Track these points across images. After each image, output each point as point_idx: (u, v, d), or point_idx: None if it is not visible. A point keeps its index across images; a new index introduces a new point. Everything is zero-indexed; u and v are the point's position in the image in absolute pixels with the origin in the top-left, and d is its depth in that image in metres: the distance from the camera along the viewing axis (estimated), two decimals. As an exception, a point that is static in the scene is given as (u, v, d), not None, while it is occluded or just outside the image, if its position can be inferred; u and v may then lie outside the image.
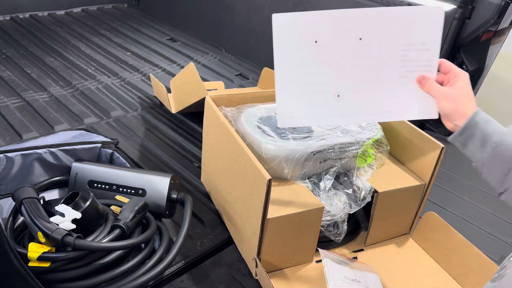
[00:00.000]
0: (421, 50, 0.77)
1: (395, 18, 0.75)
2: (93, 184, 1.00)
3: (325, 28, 0.76)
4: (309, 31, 0.76)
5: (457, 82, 0.75)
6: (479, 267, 0.90)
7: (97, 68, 1.80)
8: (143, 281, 0.79)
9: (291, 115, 0.80)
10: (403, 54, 0.77)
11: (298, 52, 0.77)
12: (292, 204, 0.87)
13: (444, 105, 0.75)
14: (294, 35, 0.77)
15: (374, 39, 0.76)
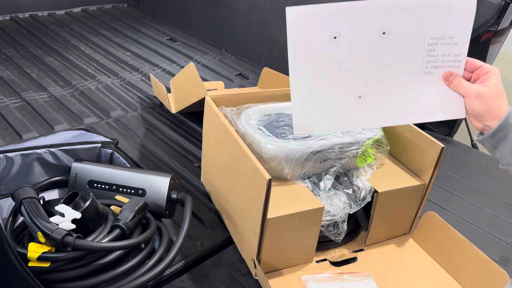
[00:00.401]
0: (449, 44, 0.71)
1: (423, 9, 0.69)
2: (93, 184, 1.00)
3: (345, 22, 0.69)
4: (327, 25, 0.69)
5: (489, 79, 0.70)
6: (479, 267, 0.90)
7: (97, 68, 1.80)
8: (143, 281, 0.79)
9: (308, 121, 0.73)
10: (429, 48, 0.71)
11: (315, 50, 0.70)
12: (292, 204, 0.87)
13: (476, 105, 0.70)
14: (311, 30, 0.68)
15: (399, 33, 0.70)
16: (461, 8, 0.69)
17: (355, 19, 0.69)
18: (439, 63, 0.72)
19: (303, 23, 0.68)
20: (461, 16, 0.70)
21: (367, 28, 0.69)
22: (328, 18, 0.68)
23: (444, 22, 0.70)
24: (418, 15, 0.69)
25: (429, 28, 0.70)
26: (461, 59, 0.72)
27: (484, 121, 0.71)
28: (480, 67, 0.72)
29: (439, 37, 0.71)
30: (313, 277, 0.91)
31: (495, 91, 0.69)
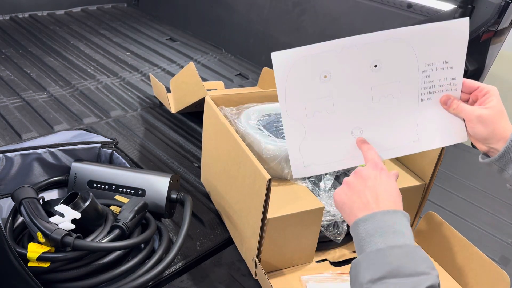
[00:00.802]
0: (444, 69, 0.69)
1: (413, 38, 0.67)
2: (93, 184, 1.00)
3: (334, 61, 0.67)
4: (316, 66, 0.67)
5: (489, 100, 0.67)
6: (479, 267, 0.90)
7: (96, 68, 1.80)
8: (142, 281, 0.79)
9: (307, 163, 0.72)
10: (424, 75, 0.69)
11: (306, 91, 0.68)
12: (292, 204, 0.87)
13: (479, 129, 0.68)
14: (299, 72, 0.67)
15: (391, 64, 0.68)
16: (454, 32, 0.68)
17: (344, 56, 0.67)
18: (435, 88, 0.70)
19: (291, 66, 0.67)
20: (454, 40, 0.68)
21: (358, 64, 0.68)
22: (316, 59, 0.67)
23: (437, 48, 0.68)
24: (409, 44, 0.67)
25: (422, 55, 0.68)
26: (457, 82, 0.70)
27: (489, 144, 0.69)
28: (478, 88, 0.70)
29: (433, 63, 0.69)
30: (313, 277, 0.91)
31: (497, 113, 0.67)
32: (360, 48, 0.67)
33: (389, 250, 0.55)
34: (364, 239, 0.58)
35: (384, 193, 0.62)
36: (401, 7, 1.54)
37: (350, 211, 0.63)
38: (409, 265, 0.53)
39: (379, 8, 1.59)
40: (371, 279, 0.53)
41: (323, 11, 1.77)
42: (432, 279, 0.53)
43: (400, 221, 0.59)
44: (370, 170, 0.64)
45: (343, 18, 1.71)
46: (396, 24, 1.55)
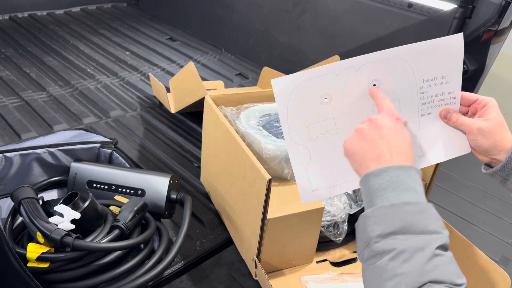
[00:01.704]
0: (442, 84, 0.70)
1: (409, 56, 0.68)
2: (92, 184, 1.00)
3: (334, 83, 0.67)
4: (316, 89, 0.67)
5: (488, 112, 0.68)
6: (479, 267, 0.90)
7: (96, 68, 1.80)
8: (142, 281, 0.79)
9: (315, 187, 0.71)
10: (422, 91, 0.70)
11: (308, 114, 0.68)
12: (292, 204, 0.87)
13: (480, 141, 0.68)
14: (300, 97, 0.67)
15: (389, 82, 0.69)
16: (449, 47, 0.69)
17: (343, 78, 0.68)
18: (434, 103, 0.71)
19: (291, 91, 0.67)
20: (450, 55, 0.69)
21: (357, 84, 0.68)
22: (315, 82, 0.67)
23: (433, 64, 0.69)
24: (406, 62, 0.68)
25: (419, 72, 0.69)
26: (456, 96, 0.71)
27: (491, 155, 0.69)
28: (476, 100, 0.70)
29: (431, 79, 0.70)
30: (313, 277, 0.91)
31: (497, 124, 0.68)
32: (358, 69, 0.68)
33: (402, 206, 0.53)
34: (375, 193, 0.56)
35: (399, 145, 0.59)
36: (401, 7, 1.54)
37: (361, 161, 0.60)
38: (421, 223, 0.52)
39: (379, 7, 1.59)
40: (381, 234, 0.52)
41: (323, 11, 1.77)
42: (443, 239, 0.52)
43: (414, 177, 0.57)
44: (386, 118, 0.61)
45: (343, 18, 1.71)
46: (396, 24, 1.56)
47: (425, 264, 0.49)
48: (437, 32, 1.48)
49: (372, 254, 0.52)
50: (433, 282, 0.48)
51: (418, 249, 0.50)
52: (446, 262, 0.51)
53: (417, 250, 0.50)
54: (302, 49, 1.88)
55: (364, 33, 1.65)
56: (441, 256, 0.50)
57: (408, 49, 0.68)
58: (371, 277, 0.52)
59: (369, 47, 1.64)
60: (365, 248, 0.54)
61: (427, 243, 0.50)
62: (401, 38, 1.56)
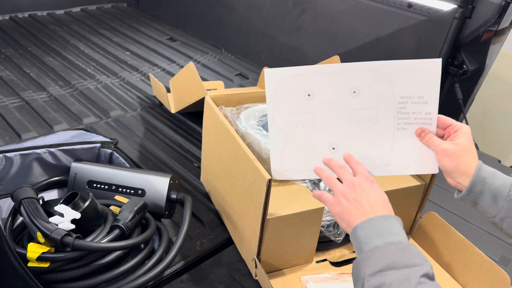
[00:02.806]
0: (419, 103, 0.75)
1: (390, 71, 0.74)
2: (92, 184, 1.00)
3: (318, 82, 0.75)
4: (302, 85, 0.76)
5: (457, 137, 0.73)
6: (479, 267, 0.90)
7: (96, 68, 1.80)
8: (142, 281, 0.79)
9: (285, 167, 0.79)
10: (400, 106, 0.75)
11: (291, 105, 0.76)
12: (292, 204, 0.87)
13: (444, 162, 0.73)
14: (287, 89, 0.76)
15: (368, 92, 0.75)
16: (427, 69, 0.73)
17: (327, 79, 0.75)
18: (411, 120, 0.76)
19: (280, 81, 0.76)
20: (427, 78, 0.74)
21: (338, 88, 0.75)
22: (302, 78, 0.75)
23: (411, 83, 0.74)
24: (385, 77, 0.74)
25: (398, 88, 0.74)
26: (432, 117, 0.76)
27: (454, 178, 0.73)
28: (450, 125, 0.75)
29: (409, 97, 0.75)
30: (313, 277, 0.91)
31: (463, 149, 0.72)
32: (341, 74, 0.74)
33: (385, 246, 0.60)
34: (362, 241, 0.63)
35: (378, 201, 0.68)
36: (401, 7, 1.54)
37: (348, 220, 0.68)
38: (404, 258, 0.58)
39: (379, 8, 1.59)
40: (371, 273, 0.58)
41: (323, 11, 1.77)
42: (426, 269, 0.57)
43: (394, 224, 0.64)
44: (363, 182, 0.70)
45: (343, 18, 1.71)
46: (396, 24, 1.56)
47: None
48: (437, 32, 1.48)
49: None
50: None
51: (404, 279, 0.56)
52: None
53: (404, 281, 0.55)
54: (302, 49, 1.88)
55: (364, 33, 1.65)
56: (426, 284, 0.56)
57: (389, 65, 0.74)
58: None
59: (369, 47, 1.64)
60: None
61: (411, 274, 0.56)
62: (401, 38, 1.56)
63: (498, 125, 2.04)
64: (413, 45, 1.54)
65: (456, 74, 1.55)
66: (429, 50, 1.51)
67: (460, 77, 1.56)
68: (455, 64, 1.54)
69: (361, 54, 1.66)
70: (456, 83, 1.57)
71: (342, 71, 0.74)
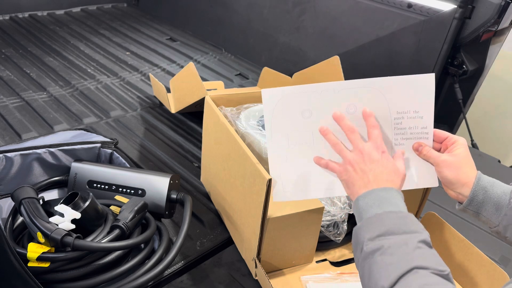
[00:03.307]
0: (415, 118, 0.75)
1: (385, 88, 0.74)
2: (93, 184, 1.00)
3: (315, 100, 0.75)
4: (298, 103, 0.75)
5: (455, 149, 0.74)
6: (479, 267, 0.90)
7: (96, 68, 1.80)
8: (142, 281, 0.79)
9: (286, 189, 0.79)
10: (396, 122, 0.75)
11: (288, 124, 0.76)
12: (292, 204, 0.87)
13: (445, 173, 0.73)
14: (284, 108, 0.75)
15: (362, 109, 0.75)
16: (420, 84, 0.74)
17: (324, 97, 0.75)
18: (408, 135, 0.76)
19: (277, 101, 0.75)
20: (421, 92, 0.74)
21: (335, 105, 0.75)
22: (299, 97, 0.75)
23: (406, 98, 0.74)
24: (381, 93, 0.74)
25: (393, 104, 0.75)
26: (428, 131, 0.76)
27: (455, 189, 0.74)
28: (447, 138, 0.76)
29: (404, 112, 0.75)
30: (313, 277, 0.91)
31: (462, 159, 0.73)
32: (338, 92, 0.74)
33: (385, 214, 0.63)
34: (363, 210, 0.65)
35: (384, 173, 0.68)
36: (401, 7, 1.54)
37: (352, 188, 0.69)
38: (403, 226, 0.61)
39: (379, 8, 1.59)
40: (370, 237, 0.61)
41: (323, 11, 1.77)
42: (424, 236, 0.60)
43: (395, 196, 0.66)
44: (373, 151, 0.69)
45: (343, 18, 1.71)
46: (396, 24, 1.56)
47: (410, 254, 0.57)
48: (437, 32, 1.48)
49: (365, 255, 0.60)
50: (418, 268, 0.55)
51: (402, 244, 0.58)
52: (429, 253, 0.59)
53: (401, 245, 0.58)
54: (302, 49, 1.88)
55: (364, 33, 1.65)
56: (423, 249, 0.58)
57: (384, 81, 0.74)
58: (366, 273, 0.60)
59: (369, 47, 1.64)
60: (359, 253, 0.62)
61: (409, 239, 0.59)
62: (401, 38, 1.56)
63: (498, 125, 2.04)
64: (413, 45, 1.54)
65: (456, 74, 1.55)
66: (429, 50, 1.51)
67: (460, 77, 1.56)
68: (455, 64, 1.54)
69: (361, 54, 1.66)
70: (456, 83, 1.57)
71: (338, 89, 0.74)
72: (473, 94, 1.65)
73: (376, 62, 1.63)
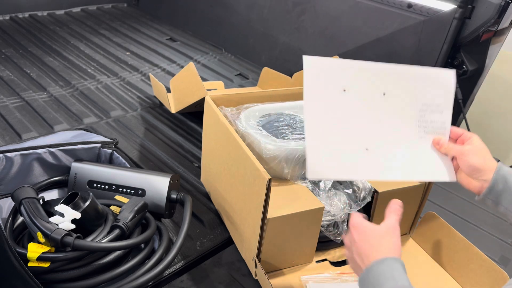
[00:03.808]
0: (436, 112, 0.76)
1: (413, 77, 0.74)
2: (93, 184, 1.00)
3: (353, 78, 0.74)
4: (338, 78, 0.73)
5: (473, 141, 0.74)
6: (479, 267, 0.90)
7: (96, 68, 1.80)
8: (142, 281, 0.79)
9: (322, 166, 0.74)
10: (421, 114, 0.76)
11: (328, 99, 0.73)
12: (292, 204, 0.87)
13: (473, 160, 0.72)
14: (324, 80, 0.73)
15: (396, 95, 0.75)
16: (442, 79, 0.75)
17: (361, 77, 0.74)
18: (429, 129, 0.77)
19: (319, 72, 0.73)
20: (443, 87, 0.76)
21: (370, 87, 0.74)
22: (339, 72, 0.73)
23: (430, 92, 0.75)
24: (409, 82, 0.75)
25: (420, 95, 0.75)
26: (446, 127, 0.77)
27: (481, 177, 0.72)
28: (462, 134, 0.76)
29: (428, 104, 0.76)
30: (313, 277, 0.91)
31: (484, 148, 0.73)
32: (373, 73, 0.74)
33: None
34: None
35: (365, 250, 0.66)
36: (401, 7, 1.54)
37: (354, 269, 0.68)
38: None
39: (379, 8, 1.59)
40: None
41: (323, 11, 1.77)
42: None
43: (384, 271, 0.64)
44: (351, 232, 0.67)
45: (343, 18, 1.71)
46: (396, 24, 1.56)
47: None
48: (437, 32, 1.48)
49: None
50: None
51: None
52: None
53: None
54: (302, 49, 1.88)
55: (364, 33, 1.65)
56: None
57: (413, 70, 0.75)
58: None
59: (369, 47, 1.64)
60: None
61: None
62: (401, 38, 1.56)
63: (498, 125, 2.03)
64: (413, 45, 1.54)
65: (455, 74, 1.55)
66: (429, 50, 1.51)
67: (460, 77, 1.56)
68: (455, 64, 1.54)
69: (361, 54, 1.66)
70: (456, 83, 1.57)
71: (375, 70, 0.74)
72: (473, 94, 1.65)
73: (376, 62, 1.62)
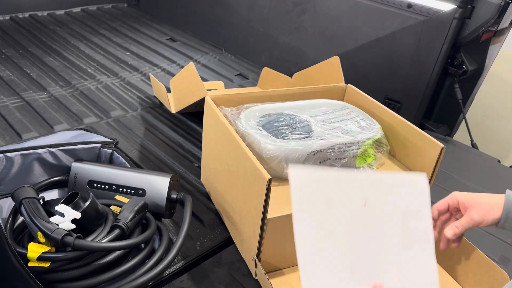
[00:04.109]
0: (416, 219, 0.73)
1: (388, 185, 0.72)
2: (93, 184, 1.00)
3: (336, 190, 0.71)
4: (323, 191, 0.71)
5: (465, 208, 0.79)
6: (479, 267, 0.90)
7: (96, 68, 1.80)
8: (142, 281, 0.79)
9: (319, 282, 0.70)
10: (403, 223, 0.72)
11: (315, 213, 0.70)
12: (292, 204, 0.87)
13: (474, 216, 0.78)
14: (311, 193, 0.70)
15: (376, 206, 0.72)
16: (415, 184, 0.73)
17: (342, 188, 0.71)
18: (412, 238, 0.73)
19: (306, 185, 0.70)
20: (417, 192, 0.73)
21: (352, 198, 0.71)
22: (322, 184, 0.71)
23: (406, 198, 0.73)
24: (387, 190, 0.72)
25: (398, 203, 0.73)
26: (429, 234, 0.73)
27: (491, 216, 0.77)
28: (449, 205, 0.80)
29: (408, 212, 0.73)
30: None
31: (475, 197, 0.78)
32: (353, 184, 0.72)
33: None
34: None
35: None
36: (401, 7, 1.54)
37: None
38: None
39: (379, 8, 1.59)
40: None
41: (323, 11, 1.77)
42: None
43: None
44: None
45: (343, 18, 1.71)
46: (396, 24, 1.56)
47: None
48: (437, 32, 1.48)
49: None
50: None
51: None
52: None
53: None
54: (302, 49, 1.88)
55: (364, 33, 1.65)
56: None
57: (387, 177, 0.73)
58: None
59: (369, 47, 1.64)
60: None
61: None
62: (401, 38, 1.56)
63: (498, 125, 2.04)
64: (413, 45, 1.54)
65: (455, 74, 1.55)
66: (429, 50, 1.51)
67: (460, 77, 1.56)
68: (455, 64, 1.54)
69: (361, 54, 1.66)
70: (456, 83, 1.57)
71: (354, 180, 0.72)
72: (473, 94, 1.65)
73: (376, 62, 1.63)
